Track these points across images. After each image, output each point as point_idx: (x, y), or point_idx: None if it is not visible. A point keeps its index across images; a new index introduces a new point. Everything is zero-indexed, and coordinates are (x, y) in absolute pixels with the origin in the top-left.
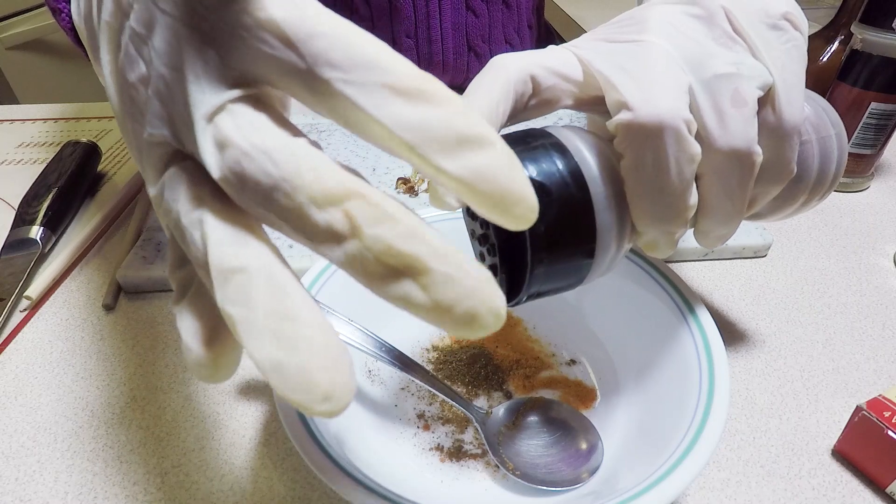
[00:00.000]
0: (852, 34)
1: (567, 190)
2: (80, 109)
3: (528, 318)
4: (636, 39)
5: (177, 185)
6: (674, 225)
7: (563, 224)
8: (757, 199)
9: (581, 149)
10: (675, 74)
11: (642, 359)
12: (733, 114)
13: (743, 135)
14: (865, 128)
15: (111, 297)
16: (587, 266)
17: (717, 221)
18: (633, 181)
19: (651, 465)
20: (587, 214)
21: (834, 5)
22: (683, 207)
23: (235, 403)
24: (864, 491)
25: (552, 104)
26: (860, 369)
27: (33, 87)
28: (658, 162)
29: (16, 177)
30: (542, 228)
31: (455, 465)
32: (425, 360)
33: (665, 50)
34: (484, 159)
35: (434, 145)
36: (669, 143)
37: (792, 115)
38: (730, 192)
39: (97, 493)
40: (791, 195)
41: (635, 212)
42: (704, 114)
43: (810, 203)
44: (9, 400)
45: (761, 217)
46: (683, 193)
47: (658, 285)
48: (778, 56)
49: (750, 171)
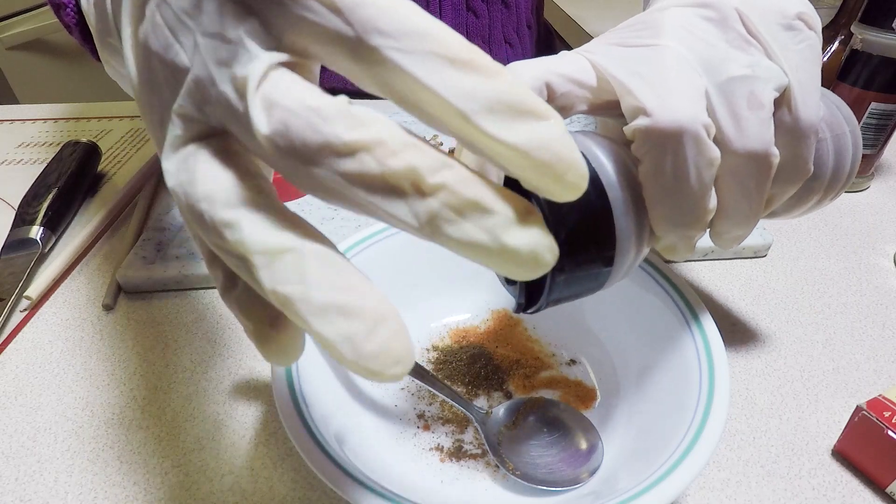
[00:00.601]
0: (852, 34)
1: (586, 197)
2: (80, 109)
3: (528, 318)
4: (650, 44)
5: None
6: (693, 229)
7: (582, 231)
8: (774, 199)
9: (598, 155)
10: (691, 78)
11: (642, 359)
12: (749, 116)
13: (760, 137)
14: (865, 128)
15: (111, 297)
16: (606, 272)
17: (734, 223)
18: (652, 186)
19: (651, 465)
20: (606, 221)
21: (834, 5)
22: (703, 212)
23: (235, 403)
24: (864, 491)
25: (567, 110)
26: (860, 369)
27: (33, 87)
28: (677, 167)
29: (16, 177)
30: (563, 236)
31: (455, 465)
32: (425, 360)
33: (680, 54)
34: (539, 128)
35: (488, 114)
36: (689, 149)
37: (808, 114)
38: (747, 193)
39: (97, 493)
40: (806, 194)
41: (654, 216)
42: (721, 117)
43: (824, 201)
44: (9, 400)
45: (776, 216)
46: (703, 198)
47: (658, 285)
48: (793, 56)
49: (767, 173)
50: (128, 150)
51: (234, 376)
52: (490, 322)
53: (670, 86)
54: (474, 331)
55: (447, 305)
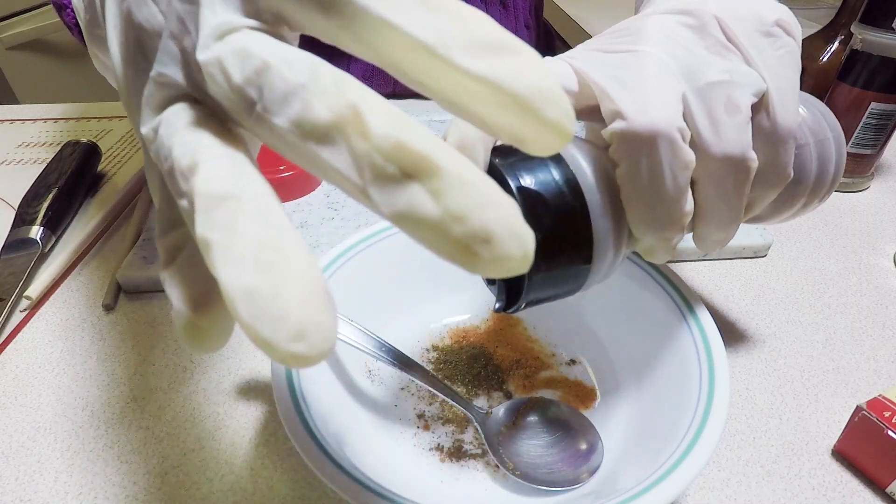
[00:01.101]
0: (852, 34)
1: (563, 199)
2: (80, 109)
3: (528, 318)
4: (631, 49)
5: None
6: (670, 231)
7: (559, 232)
8: (754, 203)
9: (577, 157)
10: (669, 83)
11: (642, 359)
12: (727, 120)
13: (737, 141)
14: (865, 128)
15: (111, 297)
16: (584, 272)
17: (714, 226)
18: (628, 188)
19: (651, 465)
20: (584, 222)
21: (834, 5)
22: (679, 214)
23: (235, 403)
24: (864, 491)
25: None
26: (860, 369)
27: (33, 87)
28: (653, 169)
29: (16, 177)
30: (539, 237)
31: (455, 465)
32: (425, 360)
33: (660, 59)
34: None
35: (456, 46)
36: (664, 151)
37: (786, 119)
38: (726, 197)
39: (97, 493)
40: (790, 198)
41: (632, 218)
42: (698, 121)
43: (810, 205)
44: (9, 400)
45: (762, 220)
46: (678, 200)
47: (658, 285)
48: (771, 62)
49: (745, 177)
50: (128, 150)
51: (234, 376)
52: (490, 322)
53: (647, 91)
54: (474, 331)
55: (447, 305)
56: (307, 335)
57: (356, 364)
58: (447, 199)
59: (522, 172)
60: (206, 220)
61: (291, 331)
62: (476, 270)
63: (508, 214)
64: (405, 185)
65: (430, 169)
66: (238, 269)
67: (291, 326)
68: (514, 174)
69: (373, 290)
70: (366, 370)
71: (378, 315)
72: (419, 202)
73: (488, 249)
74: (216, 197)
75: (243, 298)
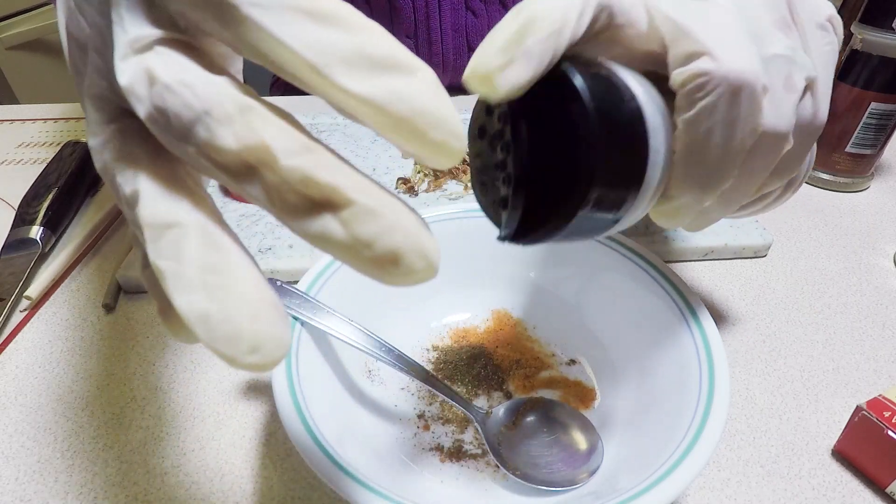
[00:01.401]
0: (852, 34)
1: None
2: (80, 109)
3: (528, 318)
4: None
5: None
6: (710, 192)
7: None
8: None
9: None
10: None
11: (642, 359)
12: (784, 96)
13: (787, 119)
14: (865, 128)
15: (111, 297)
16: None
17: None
18: (689, 137)
19: (651, 465)
20: (640, 168)
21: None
22: (727, 177)
23: (235, 403)
24: (864, 491)
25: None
26: (860, 369)
27: (33, 87)
28: (726, 122)
29: (16, 177)
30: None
31: (455, 465)
32: (425, 360)
33: (736, 14)
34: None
35: (343, 66)
36: (744, 106)
37: (824, 113)
38: (752, 172)
39: (97, 493)
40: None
41: (681, 172)
42: None
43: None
44: (9, 400)
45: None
46: (733, 163)
47: (658, 285)
48: (820, 55)
49: (777, 157)
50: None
51: (234, 376)
52: (490, 322)
53: (735, 37)
54: (474, 331)
55: (447, 305)
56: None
57: (356, 364)
58: (355, 228)
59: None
60: (155, 250)
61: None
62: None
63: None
64: (316, 215)
65: (337, 201)
66: (189, 297)
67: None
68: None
69: (373, 289)
70: (366, 370)
71: (378, 315)
72: (330, 230)
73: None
74: (159, 226)
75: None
